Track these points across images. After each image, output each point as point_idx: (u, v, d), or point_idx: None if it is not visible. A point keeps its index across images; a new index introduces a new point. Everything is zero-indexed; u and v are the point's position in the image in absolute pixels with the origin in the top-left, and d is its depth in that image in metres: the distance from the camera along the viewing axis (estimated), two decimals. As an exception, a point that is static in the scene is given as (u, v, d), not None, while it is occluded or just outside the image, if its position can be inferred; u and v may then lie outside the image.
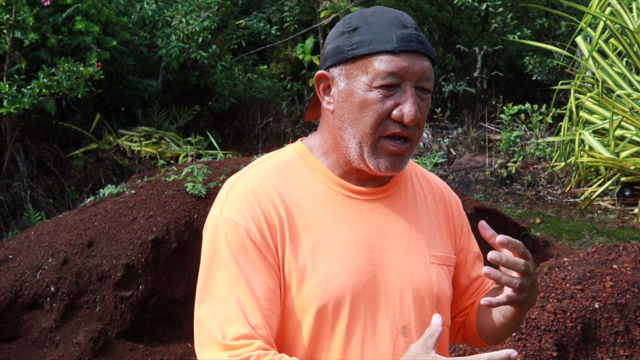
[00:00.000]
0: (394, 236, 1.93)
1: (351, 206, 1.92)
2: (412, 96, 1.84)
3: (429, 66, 1.87)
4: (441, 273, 1.97)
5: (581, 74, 8.01)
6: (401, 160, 1.89)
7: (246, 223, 1.85)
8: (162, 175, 5.04)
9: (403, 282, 1.91)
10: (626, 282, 4.07)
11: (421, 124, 1.89)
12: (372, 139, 1.86)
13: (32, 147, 7.12)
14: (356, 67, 1.86)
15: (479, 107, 9.99)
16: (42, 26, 6.97)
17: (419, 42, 1.86)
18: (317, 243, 1.87)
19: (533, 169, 8.27)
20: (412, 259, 1.94)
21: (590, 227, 6.78)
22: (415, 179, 2.06)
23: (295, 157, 1.96)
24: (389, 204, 1.96)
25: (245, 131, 8.98)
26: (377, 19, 1.88)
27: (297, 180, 1.92)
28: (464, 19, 10.33)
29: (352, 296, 1.86)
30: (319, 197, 1.92)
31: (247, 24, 9.10)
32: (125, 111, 8.24)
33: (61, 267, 4.51)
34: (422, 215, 2.01)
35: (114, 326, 4.44)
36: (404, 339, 1.89)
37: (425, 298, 1.92)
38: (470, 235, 2.14)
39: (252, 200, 1.87)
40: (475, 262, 2.12)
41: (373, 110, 1.85)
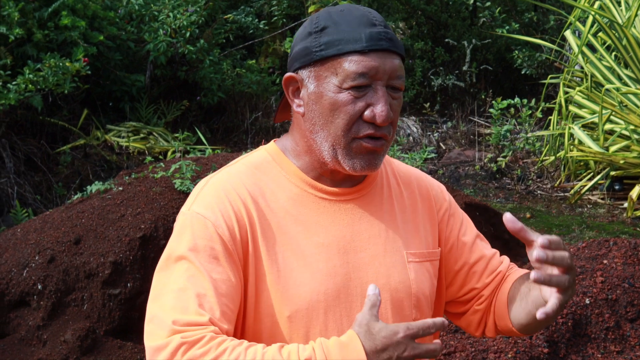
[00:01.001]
0: (369, 237, 1.90)
1: (324, 208, 1.89)
2: (384, 96, 1.80)
3: (400, 64, 1.83)
4: (420, 271, 1.94)
5: (570, 68, 8.00)
6: (376, 158, 1.85)
7: (215, 219, 1.80)
8: (150, 172, 5.00)
9: (380, 283, 1.87)
10: (617, 277, 4.05)
11: (394, 122, 1.86)
12: (345, 141, 1.82)
13: (18, 143, 7.06)
14: (325, 68, 1.82)
15: (469, 101, 9.99)
16: (28, 21, 6.91)
17: (388, 40, 1.82)
18: (289, 246, 1.84)
19: (523, 163, 8.27)
20: (388, 259, 1.90)
21: (580, 222, 6.78)
22: (391, 175, 2.02)
23: (268, 159, 1.93)
24: (364, 204, 1.93)
25: (234, 126, 8.94)
26: (344, 17, 1.84)
27: (269, 182, 1.89)
28: (452, 13, 10.31)
29: (326, 300, 1.83)
30: (292, 199, 1.88)
31: (235, 18, 9.06)
32: (113, 106, 8.19)
33: (48, 265, 4.47)
34: (399, 212, 1.97)
35: (102, 324, 4.41)
36: None
37: (404, 298, 1.90)
38: (456, 218, 2.07)
39: (223, 198, 1.83)
40: (474, 243, 2.06)
41: (344, 112, 1.81)
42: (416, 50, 10.24)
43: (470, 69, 10.11)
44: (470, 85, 10.19)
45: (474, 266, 2.04)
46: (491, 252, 2.07)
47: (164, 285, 1.77)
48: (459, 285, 2.05)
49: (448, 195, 2.10)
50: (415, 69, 10.11)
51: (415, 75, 10.12)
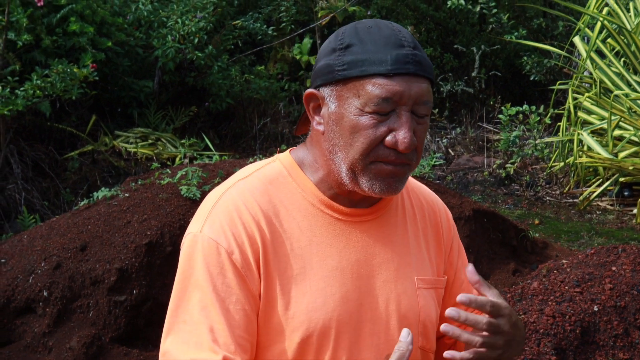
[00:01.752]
0: (382, 261, 1.85)
1: (340, 229, 1.82)
2: (408, 122, 1.72)
3: (427, 88, 1.75)
4: (428, 298, 1.89)
5: (579, 74, 7.97)
6: (397, 182, 1.78)
7: (228, 245, 1.74)
8: (157, 178, 5.00)
9: (389, 309, 1.83)
10: (625, 284, 4.03)
11: (419, 148, 1.77)
12: (363, 164, 1.75)
13: (26, 149, 7.07)
14: (347, 89, 1.74)
15: (477, 107, 9.96)
16: (36, 27, 6.92)
17: (415, 63, 1.73)
18: (303, 269, 1.78)
19: (532, 169, 8.24)
20: (399, 285, 1.85)
21: (589, 228, 6.75)
22: (405, 194, 1.96)
23: (284, 173, 1.85)
24: (379, 226, 1.87)
25: (243, 132, 8.94)
26: (371, 36, 1.75)
27: (284, 199, 1.82)
28: (461, 19, 10.30)
29: (337, 326, 1.78)
30: (307, 218, 1.81)
31: (243, 24, 9.06)
32: (121, 112, 8.20)
33: (54, 272, 4.47)
34: (412, 236, 1.92)
35: (108, 331, 4.40)
36: None
37: (412, 325, 1.84)
38: (460, 253, 2.03)
39: (236, 220, 1.76)
40: (464, 281, 2.01)
41: (364, 136, 1.73)
42: (425, 56, 10.21)
43: (479, 74, 10.09)
44: (479, 91, 10.17)
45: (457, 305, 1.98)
46: None
47: (177, 317, 1.75)
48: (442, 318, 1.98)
49: (452, 222, 2.04)
50: (423, 75, 10.08)
51: (423, 81, 10.09)
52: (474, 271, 1.71)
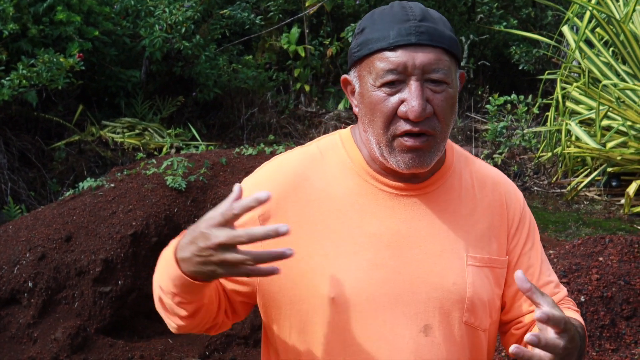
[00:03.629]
0: (427, 234, 1.88)
1: (383, 200, 1.89)
2: (417, 90, 1.78)
3: (437, 56, 1.80)
4: (479, 275, 1.90)
5: (568, 64, 7.97)
6: (422, 156, 1.83)
7: None
8: (142, 169, 4.97)
9: (432, 281, 1.86)
10: (612, 274, 4.03)
11: (441, 116, 1.82)
12: (386, 140, 1.83)
13: (12, 139, 7.03)
14: (363, 68, 1.85)
15: (466, 97, 9.95)
16: (23, 16, 6.87)
17: (419, 33, 1.80)
18: (340, 232, 1.85)
19: (519, 159, 8.24)
20: (445, 260, 1.88)
21: (577, 218, 6.75)
22: (468, 175, 1.98)
23: (338, 144, 1.95)
24: (428, 201, 1.91)
25: (230, 122, 8.91)
26: (382, 16, 1.85)
27: (334, 166, 1.92)
28: (449, 8, 10.28)
29: (370, 289, 1.83)
30: (351, 187, 1.90)
31: (231, 14, 9.02)
32: (108, 102, 8.15)
33: (39, 262, 4.44)
34: (468, 214, 1.94)
35: (93, 322, 4.38)
36: (425, 337, 1.85)
37: (455, 300, 1.87)
38: (523, 233, 2.01)
39: (275, 177, 1.89)
40: (532, 265, 2.00)
41: (379, 111, 1.81)
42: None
43: (467, 64, 10.08)
44: (468, 80, 10.16)
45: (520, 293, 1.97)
46: (546, 279, 2.02)
47: None
48: (504, 303, 2.01)
49: (524, 206, 2.04)
50: (412, 65, 10.08)
51: (412, 70, 10.08)
52: (525, 278, 1.69)
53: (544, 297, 1.69)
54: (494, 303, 1.95)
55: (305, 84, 9.36)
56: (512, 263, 1.99)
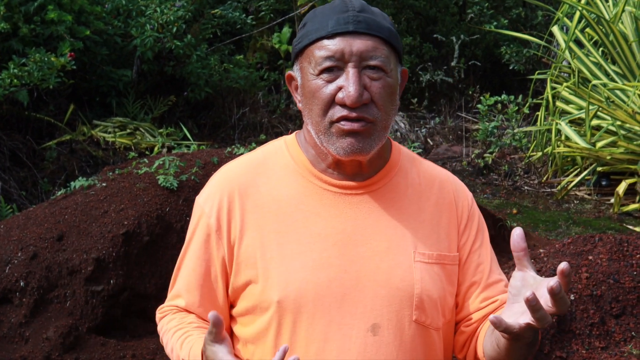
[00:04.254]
0: (373, 232, 1.89)
1: (328, 199, 1.90)
2: (354, 76, 1.80)
3: (374, 44, 1.83)
4: (429, 272, 1.90)
5: (558, 64, 8.00)
6: (361, 141, 1.83)
7: (209, 209, 1.92)
8: (134, 168, 4.97)
9: (379, 279, 1.86)
10: (602, 273, 4.05)
11: (379, 103, 1.84)
12: (324, 127, 1.85)
13: (3, 139, 7.02)
14: (304, 59, 1.88)
15: (456, 97, 9.98)
16: (14, 15, 6.86)
17: (356, 22, 1.83)
18: (285, 234, 1.87)
19: (510, 159, 8.27)
20: (392, 257, 1.88)
21: (567, 217, 6.78)
22: (415, 174, 2.00)
23: (283, 148, 1.98)
24: (374, 199, 1.92)
25: (222, 121, 8.91)
26: (323, 9, 1.89)
27: (278, 170, 1.94)
28: (441, 8, 10.30)
29: (316, 289, 1.83)
30: (296, 188, 1.91)
31: (222, 13, 9.02)
32: (100, 101, 8.15)
33: (31, 262, 4.44)
34: (415, 212, 1.94)
35: (85, 321, 4.38)
36: (373, 337, 1.84)
37: (404, 298, 1.86)
38: (472, 230, 2.01)
39: (224, 188, 1.93)
40: (482, 262, 1.99)
41: (317, 98, 1.84)
42: (404, 46, 10.23)
43: (458, 64, 10.11)
44: (459, 80, 10.19)
45: (472, 286, 1.98)
46: (496, 278, 2.00)
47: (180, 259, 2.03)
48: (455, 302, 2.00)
49: (473, 204, 2.05)
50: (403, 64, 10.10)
51: (403, 70, 10.09)
52: (523, 237, 1.67)
53: (531, 264, 1.69)
54: (446, 301, 1.93)
55: (296, 83, 9.36)
56: (462, 260, 1.98)
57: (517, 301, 1.67)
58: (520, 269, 1.68)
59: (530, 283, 1.66)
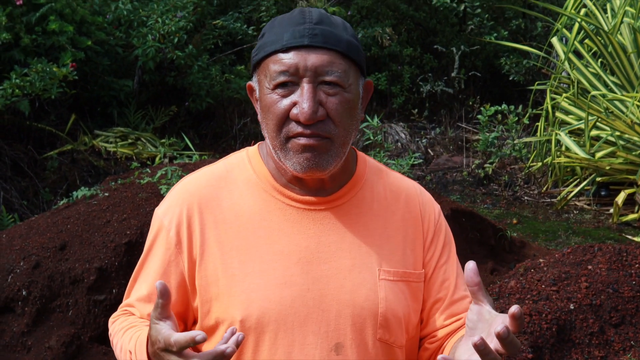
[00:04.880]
0: (337, 249, 1.84)
1: (291, 216, 1.85)
2: (308, 92, 1.74)
3: (330, 59, 1.76)
4: (393, 290, 1.86)
5: (557, 75, 8.03)
6: (318, 157, 1.78)
7: (169, 223, 1.86)
8: (136, 178, 5.00)
9: (342, 297, 1.82)
10: (601, 282, 4.07)
11: (336, 120, 1.77)
12: (280, 142, 1.79)
13: (5, 148, 7.04)
14: (260, 72, 1.82)
15: (457, 108, 10.01)
16: (16, 26, 6.89)
17: (312, 36, 1.77)
18: (247, 252, 1.82)
19: (510, 169, 8.29)
20: (356, 274, 1.84)
21: (567, 227, 6.80)
22: (381, 187, 1.95)
23: (245, 161, 1.92)
24: (339, 215, 1.87)
25: (223, 132, 8.94)
26: (281, 21, 1.83)
27: (240, 184, 1.89)
28: (441, 19, 10.34)
29: (278, 308, 1.79)
30: (259, 204, 1.86)
31: (223, 24, 9.05)
32: (101, 112, 8.17)
33: (33, 271, 4.46)
34: (381, 227, 1.90)
35: (87, 330, 4.40)
36: (336, 357, 1.81)
37: (367, 316, 1.82)
38: (439, 245, 1.97)
39: (182, 202, 1.87)
40: (447, 279, 1.95)
41: (272, 113, 1.78)
42: (405, 57, 10.26)
43: (458, 75, 10.14)
44: (459, 91, 10.22)
45: (437, 303, 1.94)
46: (461, 294, 1.96)
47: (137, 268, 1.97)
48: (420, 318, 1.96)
49: (439, 218, 2.00)
50: (403, 75, 10.13)
51: (403, 81, 10.14)
52: (476, 271, 1.61)
53: (486, 298, 1.63)
54: (410, 318, 1.90)
55: (297, 94, 9.39)
56: (428, 276, 1.94)
57: (474, 334, 1.63)
58: (476, 302, 1.64)
59: (485, 318, 1.62)
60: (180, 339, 1.54)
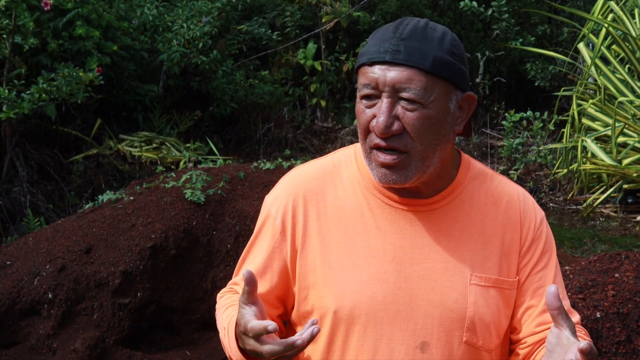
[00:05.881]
0: (430, 251, 1.90)
1: (389, 214, 1.93)
2: (385, 106, 1.81)
3: (409, 76, 1.80)
4: (484, 295, 1.90)
5: (583, 81, 7.98)
6: (395, 173, 1.85)
7: (276, 211, 1.97)
8: (161, 182, 5.02)
9: (432, 298, 1.88)
10: (628, 291, 4.03)
11: (414, 134, 1.82)
12: (365, 151, 1.88)
13: (32, 152, 7.09)
14: (358, 78, 1.89)
15: (481, 114, 9.97)
16: (43, 31, 6.94)
17: (394, 52, 1.81)
18: (345, 245, 1.91)
19: (535, 175, 8.24)
20: (447, 277, 1.89)
21: (593, 235, 6.75)
22: (482, 193, 1.98)
23: (351, 158, 2.01)
24: (436, 218, 1.93)
25: (247, 137, 8.95)
26: (382, 30, 1.89)
27: (345, 179, 1.98)
28: (465, 25, 10.31)
29: (370, 303, 1.87)
30: (360, 200, 1.95)
31: (248, 29, 9.08)
32: (126, 116, 8.21)
33: (59, 274, 4.48)
34: (477, 232, 1.94)
35: (112, 333, 4.41)
36: (421, 354, 1.87)
37: (455, 319, 1.88)
38: (536, 251, 1.99)
39: (291, 192, 1.98)
40: (542, 286, 1.96)
41: (359, 122, 1.87)
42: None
43: (483, 80, 10.10)
44: (484, 97, 10.18)
45: (529, 309, 1.96)
46: None
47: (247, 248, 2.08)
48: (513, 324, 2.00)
49: (541, 225, 2.01)
50: (428, 81, 10.09)
51: (428, 86, 10.10)
52: (557, 295, 1.64)
53: (567, 322, 1.66)
54: (500, 323, 1.94)
55: (321, 99, 9.40)
56: (521, 281, 1.97)
57: (551, 357, 1.68)
58: (556, 326, 1.68)
59: (563, 343, 1.66)
60: (255, 326, 1.67)
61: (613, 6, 7.75)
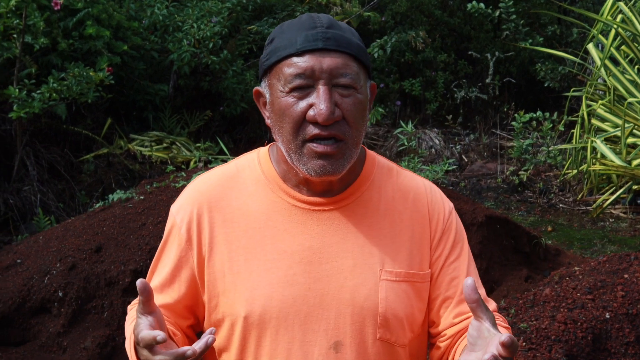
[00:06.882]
0: (340, 249, 1.89)
1: (296, 216, 1.90)
2: (325, 94, 1.78)
3: (343, 61, 1.81)
4: (395, 290, 1.89)
5: (593, 81, 7.97)
6: (333, 163, 1.82)
7: (180, 220, 1.94)
8: (171, 181, 5.03)
9: (343, 297, 1.87)
10: (637, 292, 4.03)
11: (351, 120, 1.82)
12: (295, 145, 1.83)
13: (42, 152, 7.12)
14: (272, 76, 1.85)
15: (491, 114, 9.96)
16: (53, 31, 6.98)
17: (325, 39, 1.81)
18: (253, 250, 1.89)
19: (545, 176, 8.24)
20: (357, 274, 1.88)
21: (602, 236, 6.74)
22: (389, 187, 1.98)
23: (254, 162, 1.97)
24: (343, 215, 1.91)
25: (257, 136, 8.97)
26: (291, 25, 1.87)
27: (249, 185, 1.94)
28: (475, 25, 10.31)
29: (279, 306, 1.85)
30: (265, 203, 1.92)
31: (258, 29, 9.10)
32: (137, 116, 8.24)
33: (69, 272, 4.50)
34: (386, 227, 1.93)
35: (122, 332, 4.43)
36: (335, 354, 1.86)
37: (367, 316, 1.87)
38: (447, 243, 1.98)
39: (195, 200, 1.94)
40: (457, 277, 1.96)
41: (288, 116, 1.82)
42: (439, 63, 10.24)
43: (493, 81, 10.09)
44: (493, 97, 10.17)
45: (446, 301, 1.96)
46: None
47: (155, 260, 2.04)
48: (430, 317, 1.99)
49: (450, 217, 2.01)
50: (437, 81, 10.11)
51: (437, 87, 10.11)
52: (474, 288, 1.63)
53: (486, 314, 1.65)
54: (414, 318, 1.93)
55: (330, 99, 9.40)
56: (435, 274, 1.96)
57: (473, 350, 1.66)
58: (475, 318, 1.66)
59: (484, 335, 1.64)
60: (145, 336, 1.63)
61: (622, 7, 7.74)
